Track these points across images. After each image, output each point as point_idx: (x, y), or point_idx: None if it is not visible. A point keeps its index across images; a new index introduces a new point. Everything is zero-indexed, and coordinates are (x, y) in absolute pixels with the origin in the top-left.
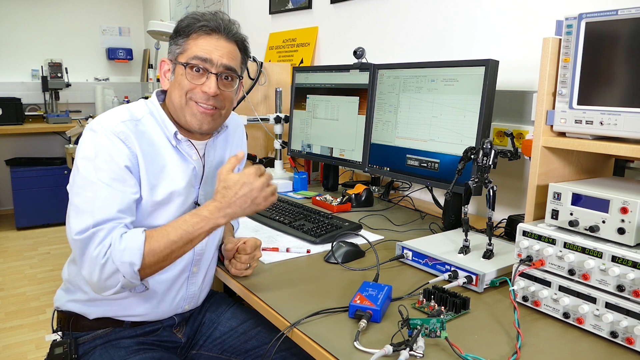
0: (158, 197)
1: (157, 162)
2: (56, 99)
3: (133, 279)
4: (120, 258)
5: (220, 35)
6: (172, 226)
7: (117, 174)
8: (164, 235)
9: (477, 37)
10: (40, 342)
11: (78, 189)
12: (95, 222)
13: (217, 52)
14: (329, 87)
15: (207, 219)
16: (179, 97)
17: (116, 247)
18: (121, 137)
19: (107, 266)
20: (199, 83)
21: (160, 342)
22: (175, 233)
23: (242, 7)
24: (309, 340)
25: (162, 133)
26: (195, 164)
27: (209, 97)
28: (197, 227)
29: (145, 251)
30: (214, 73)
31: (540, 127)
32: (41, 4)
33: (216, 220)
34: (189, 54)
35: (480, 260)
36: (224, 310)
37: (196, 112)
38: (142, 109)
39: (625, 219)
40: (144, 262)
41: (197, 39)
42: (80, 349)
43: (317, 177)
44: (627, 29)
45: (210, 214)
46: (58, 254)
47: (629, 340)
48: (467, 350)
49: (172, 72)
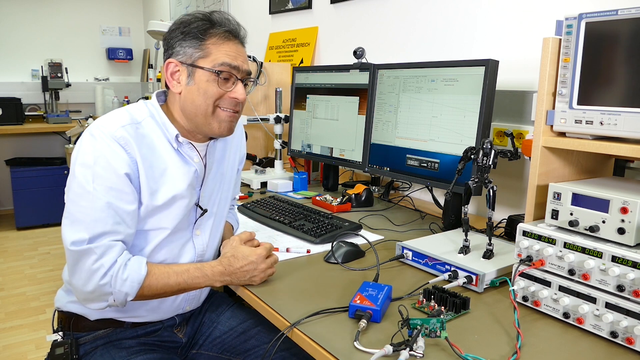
0: (159, 202)
1: (157, 166)
2: (56, 99)
3: (121, 305)
4: (120, 287)
5: (237, 40)
6: (174, 271)
7: (115, 183)
8: (164, 276)
9: (477, 37)
10: (40, 342)
11: (74, 196)
12: (91, 237)
13: (240, 58)
14: (329, 87)
15: (207, 278)
16: (205, 104)
17: (119, 275)
18: (121, 143)
19: (104, 288)
20: (228, 89)
21: (161, 343)
22: (175, 279)
23: (242, 7)
24: (309, 340)
25: (163, 136)
26: (197, 166)
27: (237, 103)
28: (196, 282)
29: (143, 285)
30: (240, 79)
31: (540, 127)
32: (41, 4)
33: (213, 281)
34: (213, 59)
35: (480, 260)
36: (224, 310)
37: (225, 118)
38: (143, 111)
39: (625, 219)
40: (137, 294)
41: (218, 43)
42: (81, 349)
43: (317, 177)
44: (627, 29)
45: (212, 275)
46: (58, 254)
47: (629, 340)
48: (467, 350)
49: (190, 77)
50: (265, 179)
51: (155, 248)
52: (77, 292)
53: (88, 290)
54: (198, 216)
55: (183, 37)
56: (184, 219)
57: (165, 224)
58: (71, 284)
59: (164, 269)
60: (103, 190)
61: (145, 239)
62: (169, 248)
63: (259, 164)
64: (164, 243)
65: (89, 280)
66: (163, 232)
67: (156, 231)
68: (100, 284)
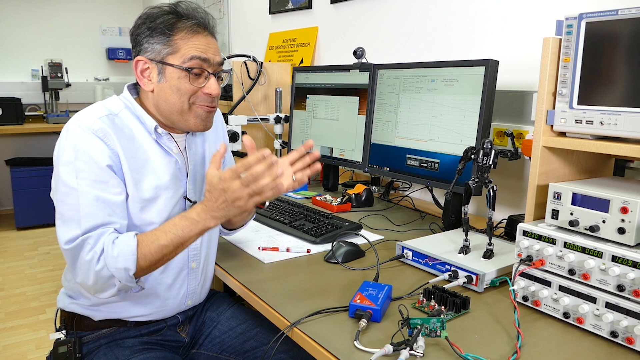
0: (145, 194)
1: (138, 156)
2: (56, 99)
3: (129, 282)
4: (115, 264)
5: (206, 32)
6: (162, 230)
7: (98, 175)
8: (154, 240)
9: (477, 37)
10: (40, 342)
11: (61, 196)
12: (83, 232)
13: (211, 50)
14: (329, 87)
15: (195, 222)
16: (179, 102)
17: (109, 253)
18: (99, 135)
19: (102, 272)
20: (200, 85)
21: (164, 342)
22: (165, 237)
23: (242, 7)
24: (309, 339)
25: (141, 127)
26: (177, 157)
27: (212, 98)
28: (187, 231)
29: (138, 256)
30: (212, 73)
31: (541, 127)
32: (41, 4)
33: (204, 222)
34: (183, 54)
35: (480, 260)
36: (224, 310)
37: (201, 113)
38: (118, 104)
39: (625, 219)
40: (137, 267)
41: (186, 38)
42: (85, 348)
43: (317, 177)
44: (627, 29)
45: (199, 216)
46: (58, 254)
47: (629, 340)
48: (467, 350)
49: (161, 74)
50: None
51: None
52: (86, 289)
53: (92, 284)
54: (188, 209)
55: (150, 34)
56: (173, 213)
57: (153, 218)
58: (77, 283)
59: (151, 234)
60: (88, 185)
61: None
62: None
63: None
64: None
65: (88, 272)
66: (153, 227)
67: (147, 226)
68: (97, 270)
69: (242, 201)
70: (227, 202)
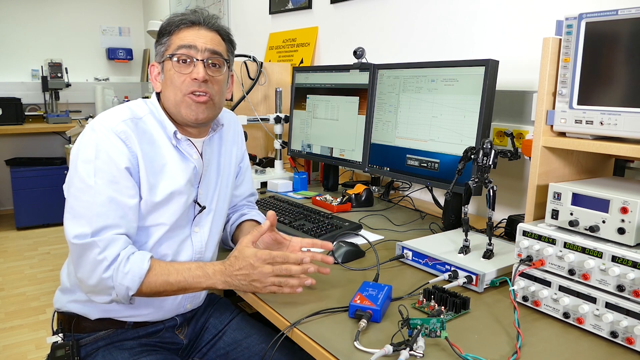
0: (157, 198)
1: (157, 161)
2: (56, 99)
3: (123, 299)
4: (121, 280)
5: (201, 26)
6: (176, 268)
7: (116, 177)
8: (164, 273)
9: (477, 37)
10: (40, 342)
11: (76, 191)
12: (94, 231)
13: (201, 40)
14: (329, 87)
15: (208, 277)
16: (174, 94)
17: (121, 268)
18: (122, 137)
19: (107, 281)
20: (187, 72)
21: (162, 344)
22: (175, 277)
23: (242, 7)
24: (309, 340)
25: (162, 132)
26: (195, 162)
27: (199, 83)
28: (196, 281)
29: (143, 281)
30: (200, 59)
31: (540, 127)
32: (41, 4)
33: (215, 282)
34: (173, 47)
35: (480, 260)
36: (228, 319)
37: (191, 103)
38: (143, 108)
39: (625, 219)
40: (138, 290)
41: (178, 32)
42: (82, 350)
43: (317, 177)
44: (627, 29)
45: (214, 274)
46: (58, 254)
47: (629, 340)
48: (467, 350)
49: (162, 72)
50: (265, 179)
51: (156, 244)
52: (83, 285)
53: (92, 284)
54: (196, 213)
55: (158, 39)
56: (182, 216)
57: (164, 219)
58: (77, 277)
59: (165, 266)
60: (104, 184)
61: (146, 235)
62: (168, 244)
63: (259, 164)
64: (163, 239)
65: (93, 273)
66: (162, 228)
67: (155, 227)
68: (103, 277)
69: (260, 284)
70: (248, 277)
